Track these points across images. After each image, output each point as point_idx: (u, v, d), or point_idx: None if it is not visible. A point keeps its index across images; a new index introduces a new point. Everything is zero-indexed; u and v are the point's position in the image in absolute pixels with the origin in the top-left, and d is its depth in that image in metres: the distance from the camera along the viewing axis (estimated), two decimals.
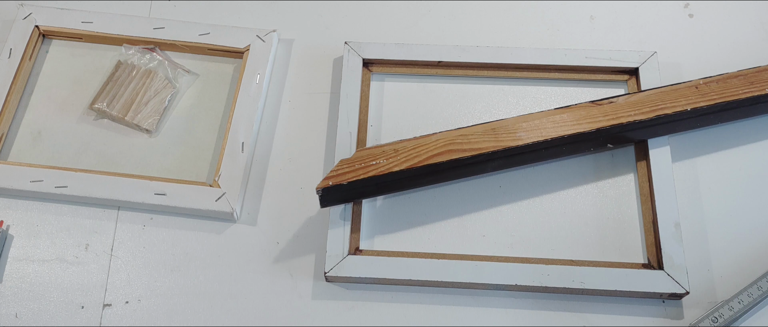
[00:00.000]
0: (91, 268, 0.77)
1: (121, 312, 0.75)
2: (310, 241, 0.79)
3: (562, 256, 0.77)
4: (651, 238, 0.77)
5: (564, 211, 0.80)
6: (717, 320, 0.72)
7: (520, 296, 0.76)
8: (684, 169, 0.82)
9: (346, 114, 0.83)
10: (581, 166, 0.82)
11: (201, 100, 0.87)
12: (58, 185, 0.79)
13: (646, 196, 0.79)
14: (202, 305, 0.75)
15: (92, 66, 0.89)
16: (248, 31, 0.89)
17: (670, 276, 0.73)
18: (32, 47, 0.88)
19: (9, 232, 0.79)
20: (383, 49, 0.87)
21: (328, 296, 0.76)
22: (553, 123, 0.77)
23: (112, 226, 0.80)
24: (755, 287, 0.74)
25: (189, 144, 0.84)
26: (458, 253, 0.77)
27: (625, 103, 0.79)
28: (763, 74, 0.81)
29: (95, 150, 0.84)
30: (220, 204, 0.78)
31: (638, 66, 0.85)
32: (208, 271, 0.77)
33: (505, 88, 0.87)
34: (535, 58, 0.86)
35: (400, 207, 0.80)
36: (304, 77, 0.89)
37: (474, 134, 0.77)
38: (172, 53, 0.90)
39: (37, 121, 0.86)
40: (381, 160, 0.75)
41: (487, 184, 0.81)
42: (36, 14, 0.89)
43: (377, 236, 0.79)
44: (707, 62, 0.89)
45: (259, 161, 0.83)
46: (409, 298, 0.76)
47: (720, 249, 0.78)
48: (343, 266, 0.74)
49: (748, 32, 0.91)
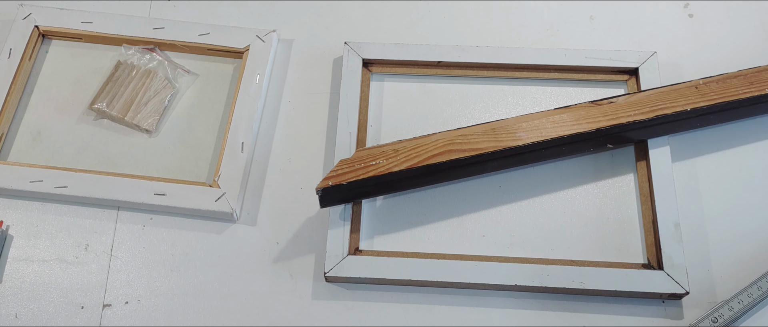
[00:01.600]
0: (90, 269, 0.77)
1: (120, 312, 0.75)
2: (309, 242, 0.79)
3: (562, 256, 0.77)
4: (651, 238, 0.77)
5: (564, 211, 0.80)
6: (717, 320, 0.72)
7: (520, 296, 0.76)
8: (684, 169, 0.82)
9: (346, 114, 0.83)
10: (581, 167, 0.82)
11: (201, 100, 0.87)
12: (57, 185, 0.79)
13: (645, 197, 0.79)
14: (202, 305, 0.75)
15: (92, 66, 0.89)
16: (248, 31, 0.88)
17: (669, 276, 0.73)
18: (32, 47, 0.88)
19: (9, 233, 0.79)
20: (383, 50, 0.87)
21: (327, 296, 0.76)
22: (553, 123, 0.77)
23: (112, 227, 0.80)
24: (755, 287, 0.74)
25: (189, 144, 0.84)
26: (458, 253, 0.77)
27: (625, 103, 0.79)
28: (762, 74, 0.81)
29: (95, 150, 0.84)
30: (220, 204, 0.78)
31: (638, 66, 0.85)
32: (207, 272, 0.77)
33: (504, 88, 0.87)
34: (535, 58, 0.86)
35: (400, 207, 0.80)
36: (304, 77, 0.89)
37: (474, 134, 0.77)
38: (172, 53, 0.90)
39: (36, 121, 0.86)
40: (381, 160, 0.75)
41: (486, 185, 0.81)
42: (36, 14, 0.89)
43: (377, 236, 0.79)
44: (707, 62, 0.89)
45: (259, 161, 0.83)
46: (409, 298, 0.76)
47: (720, 249, 0.78)
48: (342, 266, 0.74)
49: (748, 32, 0.91)
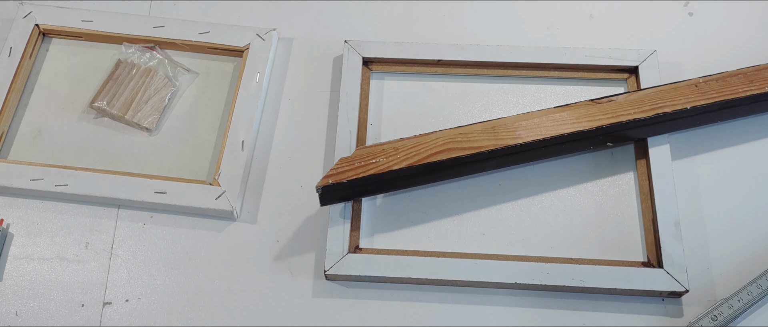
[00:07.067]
0: (91, 267, 0.77)
1: (121, 310, 0.75)
2: (310, 240, 0.79)
3: (562, 254, 0.77)
4: (651, 237, 0.77)
5: (564, 209, 0.80)
6: (716, 318, 0.72)
7: (520, 295, 0.76)
8: (684, 167, 0.82)
9: (346, 112, 0.83)
10: (581, 165, 0.82)
11: (201, 99, 0.87)
12: (58, 184, 0.79)
13: (645, 195, 0.79)
14: (202, 303, 0.75)
15: (92, 64, 0.89)
16: (248, 29, 0.89)
17: (669, 274, 0.73)
18: (32, 46, 0.88)
19: (9, 231, 0.79)
20: (383, 48, 0.87)
21: (328, 294, 0.76)
22: (553, 121, 0.77)
23: (112, 225, 0.80)
24: (755, 285, 0.74)
25: (189, 142, 0.84)
26: (458, 251, 0.77)
27: (625, 102, 0.79)
28: (762, 72, 0.81)
29: (95, 148, 0.84)
30: (220, 202, 0.78)
31: (638, 64, 0.85)
32: (208, 270, 0.77)
33: (504, 86, 0.88)
34: (535, 56, 0.86)
35: (400, 205, 0.80)
36: (304, 76, 0.89)
37: (474, 132, 0.77)
38: (172, 52, 0.90)
39: (37, 119, 0.86)
40: (381, 158, 0.75)
41: (486, 183, 0.81)
42: (36, 13, 0.89)
43: (377, 234, 0.79)
44: (707, 61, 0.89)
45: (259, 160, 0.83)
46: (409, 296, 0.76)
47: (719, 247, 0.78)
48: (342, 264, 0.74)
49: (748, 31, 0.91)
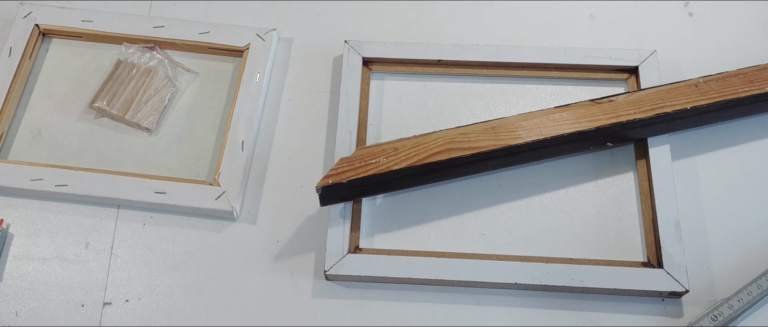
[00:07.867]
0: (91, 267, 0.77)
1: (121, 310, 0.75)
2: (310, 240, 0.79)
3: (562, 254, 0.77)
4: (651, 237, 0.77)
5: (564, 209, 0.80)
6: (717, 319, 0.72)
7: (520, 295, 0.76)
8: (684, 167, 0.82)
9: (346, 112, 0.83)
10: (581, 165, 0.82)
11: (201, 99, 0.87)
12: (58, 184, 0.79)
13: (645, 195, 0.79)
14: (202, 303, 0.75)
15: (92, 65, 0.89)
16: (248, 29, 0.89)
17: (669, 274, 0.73)
18: (32, 46, 0.88)
19: (9, 231, 0.79)
20: (383, 48, 0.87)
21: (328, 294, 0.76)
22: (553, 122, 0.77)
23: (112, 225, 0.80)
24: (755, 285, 0.74)
25: (189, 142, 0.84)
26: (458, 251, 0.77)
27: (625, 102, 0.79)
28: (762, 73, 0.81)
29: (95, 148, 0.84)
30: (220, 202, 0.78)
31: (638, 64, 0.85)
32: (208, 270, 0.77)
33: (504, 86, 0.87)
34: (535, 56, 0.86)
35: (400, 205, 0.80)
36: (304, 76, 0.89)
37: (474, 133, 0.77)
38: (172, 52, 0.90)
39: (37, 119, 0.86)
40: (381, 158, 0.75)
41: (486, 183, 0.81)
42: (36, 13, 0.89)
43: (377, 235, 0.79)
44: (707, 61, 0.89)
45: (259, 160, 0.83)
46: (409, 296, 0.76)
47: (720, 247, 0.78)
48: (342, 265, 0.74)
49: (748, 31, 0.91)
